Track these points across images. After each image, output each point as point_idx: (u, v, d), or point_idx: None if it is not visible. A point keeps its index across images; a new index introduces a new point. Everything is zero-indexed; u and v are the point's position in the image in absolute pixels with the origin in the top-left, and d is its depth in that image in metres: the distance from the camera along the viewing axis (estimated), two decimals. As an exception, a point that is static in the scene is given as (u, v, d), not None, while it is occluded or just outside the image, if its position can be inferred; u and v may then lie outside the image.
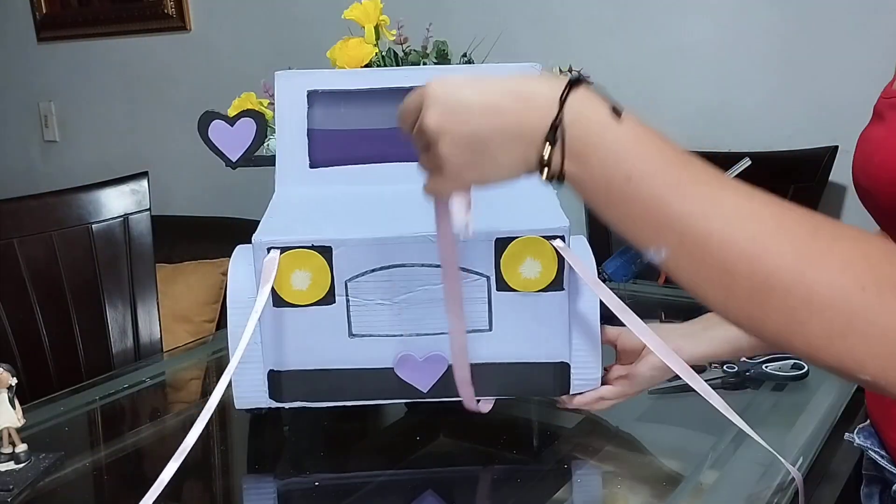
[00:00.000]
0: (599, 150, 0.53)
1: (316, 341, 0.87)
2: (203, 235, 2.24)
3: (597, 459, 0.86)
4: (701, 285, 0.52)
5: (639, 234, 0.53)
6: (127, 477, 0.91)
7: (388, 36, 1.05)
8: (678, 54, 1.81)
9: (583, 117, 0.53)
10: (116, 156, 2.66)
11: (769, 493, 0.78)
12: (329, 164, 0.97)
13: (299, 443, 0.94)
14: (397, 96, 0.99)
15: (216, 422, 1.00)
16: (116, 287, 1.47)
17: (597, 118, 0.53)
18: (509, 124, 0.55)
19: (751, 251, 0.49)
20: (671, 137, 0.54)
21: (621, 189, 0.52)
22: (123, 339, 1.47)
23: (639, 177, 0.52)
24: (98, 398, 1.11)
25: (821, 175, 1.57)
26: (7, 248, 1.41)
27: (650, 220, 0.52)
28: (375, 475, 0.86)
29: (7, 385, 0.83)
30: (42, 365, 1.44)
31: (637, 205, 0.52)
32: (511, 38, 1.48)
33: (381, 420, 0.99)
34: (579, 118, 0.53)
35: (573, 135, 0.53)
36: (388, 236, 0.85)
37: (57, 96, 2.78)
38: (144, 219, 1.49)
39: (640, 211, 0.52)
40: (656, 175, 0.52)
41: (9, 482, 0.82)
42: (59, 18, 2.70)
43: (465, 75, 0.56)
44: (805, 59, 1.67)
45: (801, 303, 0.49)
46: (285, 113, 0.97)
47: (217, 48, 2.42)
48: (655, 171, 0.52)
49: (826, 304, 0.48)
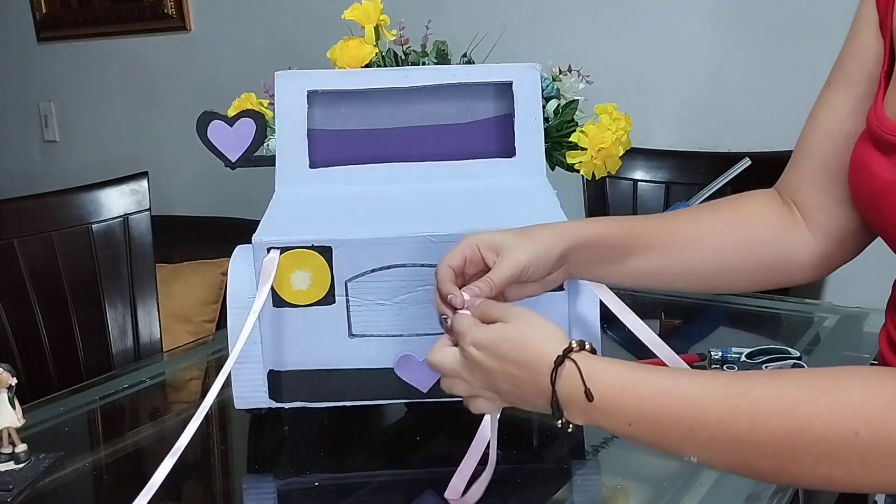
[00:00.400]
0: (598, 412, 0.63)
1: (316, 341, 0.87)
2: (203, 235, 2.24)
3: (597, 459, 0.86)
4: (733, 472, 0.63)
5: (665, 450, 0.63)
6: (127, 477, 0.91)
7: (389, 36, 1.05)
8: (678, 54, 1.81)
9: (571, 388, 0.64)
10: (116, 156, 2.66)
11: (769, 492, 0.78)
12: (329, 164, 0.97)
13: (299, 443, 0.94)
14: (397, 96, 1.00)
15: (216, 422, 1.00)
16: (116, 287, 1.47)
17: (579, 393, 0.63)
18: (526, 391, 0.66)
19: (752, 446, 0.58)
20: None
21: (630, 431, 0.63)
22: (123, 339, 1.47)
23: (637, 420, 0.62)
24: (98, 398, 1.11)
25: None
26: (7, 248, 1.41)
27: (665, 443, 0.62)
28: (375, 475, 0.86)
29: (7, 385, 0.83)
30: (42, 365, 1.44)
31: (648, 436, 0.63)
32: (511, 37, 1.47)
33: (381, 420, 0.99)
34: (570, 392, 0.64)
35: (571, 405, 0.64)
36: (388, 236, 0.85)
37: (57, 96, 2.78)
38: (144, 219, 1.49)
39: (652, 440, 0.63)
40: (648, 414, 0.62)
41: (9, 482, 0.82)
42: (59, 18, 2.70)
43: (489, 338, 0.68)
44: (805, 59, 1.67)
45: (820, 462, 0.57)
46: (285, 113, 0.97)
47: (217, 48, 2.42)
48: (646, 410, 0.62)
49: (837, 456, 0.56)
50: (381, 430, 0.99)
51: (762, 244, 0.82)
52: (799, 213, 0.82)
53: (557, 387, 0.64)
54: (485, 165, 0.97)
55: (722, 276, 0.84)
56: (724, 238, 0.82)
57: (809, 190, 0.81)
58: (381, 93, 0.98)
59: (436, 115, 0.99)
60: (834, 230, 0.81)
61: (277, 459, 0.93)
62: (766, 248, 0.82)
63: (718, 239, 0.82)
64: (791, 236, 0.82)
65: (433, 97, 0.98)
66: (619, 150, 1.01)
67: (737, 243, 0.82)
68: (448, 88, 0.98)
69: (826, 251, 0.81)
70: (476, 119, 0.99)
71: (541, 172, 0.97)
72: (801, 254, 0.82)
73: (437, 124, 0.98)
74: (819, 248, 0.81)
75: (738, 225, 0.83)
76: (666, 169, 1.71)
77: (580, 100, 1.03)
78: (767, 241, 0.82)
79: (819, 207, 0.80)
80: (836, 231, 0.80)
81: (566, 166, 1.03)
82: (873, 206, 0.72)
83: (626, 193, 1.73)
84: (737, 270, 0.83)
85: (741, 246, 0.82)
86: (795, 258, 0.82)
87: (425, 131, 0.98)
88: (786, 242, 0.82)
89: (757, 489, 0.79)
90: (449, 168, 0.97)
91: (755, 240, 0.82)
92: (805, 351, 1.09)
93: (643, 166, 1.72)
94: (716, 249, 0.82)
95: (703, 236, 0.82)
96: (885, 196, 0.69)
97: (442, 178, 0.96)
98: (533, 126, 0.97)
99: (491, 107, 0.99)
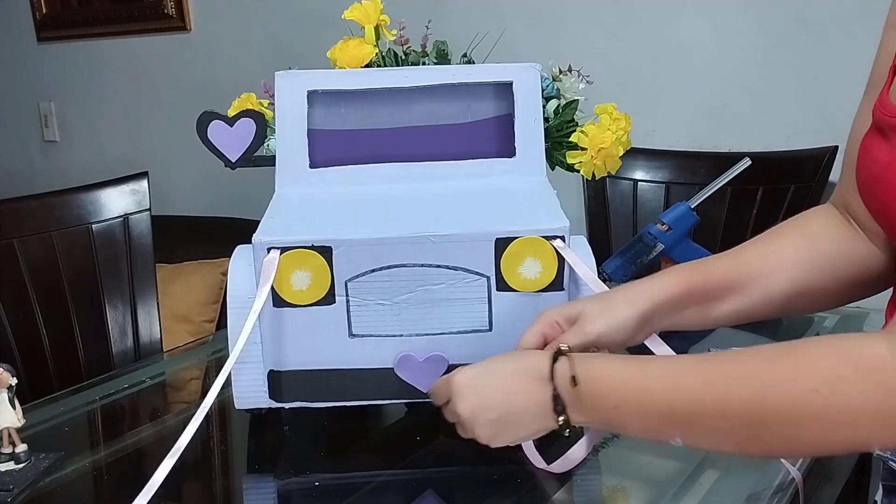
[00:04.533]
0: (588, 400, 0.68)
1: (316, 341, 0.87)
2: (203, 235, 2.24)
3: (597, 459, 0.86)
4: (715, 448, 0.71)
5: (653, 438, 0.68)
6: (127, 477, 0.91)
7: (389, 36, 1.05)
8: (678, 54, 1.81)
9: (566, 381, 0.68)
10: (116, 156, 2.66)
11: (769, 493, 0.78)
12: (329, 164, 0.97)
13: (299, 443, 0.94)
14: (397, 96, 1.00)
15: (216, 422, 1.00)
16: (116, 287, 1.47)
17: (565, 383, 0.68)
18: (526, 402, 0.70)
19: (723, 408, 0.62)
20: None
21: (618, 416, 0.67)
22: (123, 339, 1.47)
23: (623, 402, 0.66)
24: (98, 398, 1.11)
25: (821, 175, 1.57)
26: (7, 248, 1.41)
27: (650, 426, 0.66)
28: (375, 475, 0.86)
29: (7, 385, 0.83)
30: (42, 365, 1.44)
31: (634, 420, 0.67)
32: (511, 38, 1.48)
33: (381, 420, 0.99)
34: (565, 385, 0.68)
35: (568, 398, 0.68)
36: (388, 236, 0.85)
37: (57, 96, 2.78)
38: (144, 219, 1.49)
39: (638, 423, 0.67)
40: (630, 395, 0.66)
41: (9, 482, 0.82)
42: (59, 18, 2.70)
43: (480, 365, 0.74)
44: (805, 59, 1.67)
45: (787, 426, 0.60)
46: (285, 113, 0.97)
47: (217, 48, 2.42)
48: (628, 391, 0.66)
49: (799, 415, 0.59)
50: (381, 430, 0.99)
51: (832, 262, 0.82)
52: (857, 224, 0.82)
53: (556, 380, 0.68)
54: (485, 165, 0.97)
55: (802, 300, 0.83)
56: (796, 263, 0.82)
57: (857, 200, 0.80)
58: (381, 93, 0.98)
59: (436, 115, 0.99)
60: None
61: (277, 459, 0.93)
62: (837, 264, 0.82)
63: (790, 265, 0.82)
64: (856, 249, 0.81)
65: (433, 97, 0.98)
66: (619, 150, 1.01)
67: (808, 265, 0.82)
68: (448, 88, 0.98)
69: (892, 258, 0.80)
70: (476, 119, 0.99)
71: (541, 172, 0.97)
72: (870, 266, 0.81)
73: (437, 124, 0.98)
74: (883, 256, 0.80)
75: (806, 247, 0.83)
76: (666, 169, 1.71)
77: (580, 100, 1.03)
78: (836, 258, 0.82)
79: (869, 216, 0.79)
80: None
81: (566, 166, 1.03)
82: (871, 190, 0.72)
83: (626, 193, 1.73)
84: (815, 291, 0.83)
85: (814, 267, 0.82)
86: (866, 269, 0.81)
87: (425, 131, 0.98)
88: (853, 255, 0.81)
89: (757, 489, 0.79)
90: (449, 168, 0.97)
91: (824, 258, 0.82)
92: (805, 351, 1.09)
93: (643, 166, 1.72)
94: (790, 276, 0.82)
95: (775, 265, 0.82)
96: (883, 177, 0.69)
97: (442, 178, 0.96)
98: (533, 126, 0.97)
99: (491, 107, 0.99)
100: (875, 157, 0.70)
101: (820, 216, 0.85)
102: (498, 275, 0.85)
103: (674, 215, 1.25)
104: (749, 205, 1.60)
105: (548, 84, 1.01)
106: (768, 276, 0.82)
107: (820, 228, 0.84)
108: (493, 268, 0.85)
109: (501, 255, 0.85)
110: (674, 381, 0.64)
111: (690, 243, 1.26)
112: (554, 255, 0.85)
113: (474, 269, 0.86)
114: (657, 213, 1.36)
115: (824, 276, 0.82)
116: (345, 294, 0.86)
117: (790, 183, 1.58)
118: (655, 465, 0.87)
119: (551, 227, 0.85)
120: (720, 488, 0.80)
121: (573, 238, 0.89)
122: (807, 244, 0.83)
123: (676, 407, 0.63)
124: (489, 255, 0.85)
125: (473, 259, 0.85)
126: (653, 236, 1.25)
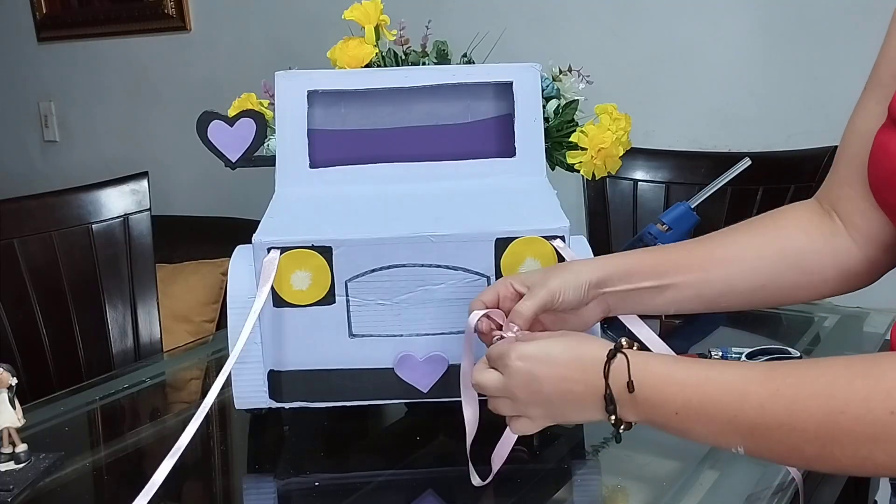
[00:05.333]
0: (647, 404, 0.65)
1: (316, 341, 0.87)
2: (203, 235, 2.24)
3: (597, 459, 0.86)
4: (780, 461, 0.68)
5: (716, 444, 0.65)
6: (127, 477, 0.91)
7: (389, 36, 1.05)
8: (678, 54, 1.81)
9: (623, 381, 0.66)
10: (116, 156, 2.66)
11: (769, 493, 0.78)
12: (329, 164, 0.97)
13: (299, 443, 0.94)
14: (397, 96, 1.00)
15: (216, 422, 1.00)
16: (116, 287, 1.47)
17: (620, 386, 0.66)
18: (577, 393, 0.68)
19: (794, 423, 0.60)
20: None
21: (678, 422, 0.65)
22: (123, 339, 1.47)
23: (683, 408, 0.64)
24: (98, 398, 1.11)
25: (821, 175, 1.56)
26: (7, 248, 1.41)
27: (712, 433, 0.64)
28: (375, 475, 0.86)
29: (7, 385, 0.83)
30: (42, 365, 1.44)
31: (695, 426, 0.64)
32: (511, 38, 1.48)
33: (381, 420, 0.99)
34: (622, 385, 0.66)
35: (622, 399, 0.66)
36: (388, 236, 0.85)
37: (57, 96, 2.78)
38: (144, 219, 1.49)
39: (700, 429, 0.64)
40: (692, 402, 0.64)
41: (9, 482, 0.82)
42: (59, 18, 2.70)
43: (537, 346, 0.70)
44: (805, 59, 1.67)
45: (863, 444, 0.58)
46: (285, 113, 0.97)
47: (217, 48, 2.42)
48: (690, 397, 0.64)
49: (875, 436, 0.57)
50: (381, 430, 0.99)
51: (801, 256, 0.81)
52: (840, 220, 0.81)
53: (610, 380, 0.66)
54: (485, 165, 0.97)
55: (764, 292, 0.83)
56: (762, 252, 0.82)
57: (849, 195, 0.80)
58: (381, 93, 0.98)
59: (436, 115, 0.99)
60: (877, 234, 0.79)
61: (277, 459, 0.93)
62: (805, 259, 0.81)
63: (756, 254, 0.82)
64: (832, 245, 0.81)
65: (433, 97, 0.98)
66: (619, 150, 1.01)
67: (775, 256, 0.82)
68: (448, 88, 0.98)
69: (871, 257, 0.80)
70: (476, 119, 0.99)
71: (541, 172, 0.97)
72: (845, 262, 0.81)
73: (438, 124, 0.99)
74: (863, 255, 0.80)
75: (776, 238, 0.82)
76: (666, 169, 1.71)
77: (580, 100, 1.03)
78: (806, 252, 0.81)
79: (859, 212, 0.79)
80: (879, 235, 0.79)
81: (566, 166, 1.03)
82: (888, 186, 0.71)
83: (626, 193, 1.73)
84: (778, 284, 0.82)
85: (779, 259, 0.81)
86: (839, 267, 0.81)
87: (425, 131, 0.98)
88: (826, 252, 0.81)
89: (757, 489, 0.79)
90: (449, 168, 0.97)
91: (793, 251, 0.81)
92: (805, 351, 1.09)
93: (643, 166, 1.72)
94: (754, 265, 0.82)
95: (739, 252, 0.82)
96: None
97: (442, 177, 0.96)
98: (533, 126, 0.97)
99: (491, 107, 0.99)
100: (891, 153, 0.70)
101: (797, 210, 0.85)
102: (498, 275, 0.85)
103: (674, 215, 1.25)
104: (749, 205, 1.60)
105: (548, 84, 1.01)
106: (730, 263, 0.82)
107: (793, 221, 0.83)
108: (493, 268, 0.85)
109: (501, 255, 0.85)
110: (741, 391, 0.62)
111: (690, 243, 1.26)
112: (554, 255, 0.85)
113: (474, 269, 0.86)
114: (657, 213, 1.36)
115: (790, 268, 0.81)
116: (345, 294, 0.86)
117: (790, 183, 1.58)
118: (655, 465, 0.87)
119: (551, 227, 0.85)
120: (720, 488, 0.80)
121: (573, 238, 0.89)
122: (775, 235, 0.83)
123: (742, 418, 0.61)
124: (489, 255, 0.85)
125: (473, 259, 0.85)
126: (653, 236, 1.25)
